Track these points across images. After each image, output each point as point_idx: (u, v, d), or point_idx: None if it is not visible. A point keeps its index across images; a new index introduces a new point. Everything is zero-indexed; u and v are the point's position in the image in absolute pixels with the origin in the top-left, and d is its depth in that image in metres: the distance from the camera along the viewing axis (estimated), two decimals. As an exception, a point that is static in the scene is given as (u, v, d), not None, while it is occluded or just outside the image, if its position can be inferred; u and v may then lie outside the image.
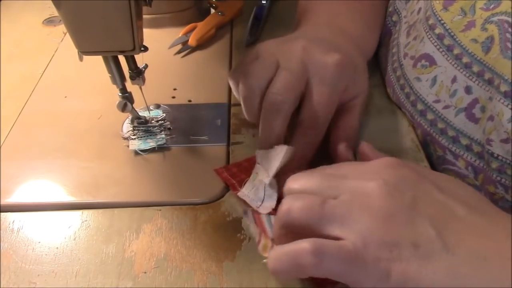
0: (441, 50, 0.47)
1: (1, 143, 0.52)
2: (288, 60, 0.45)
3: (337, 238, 0.32)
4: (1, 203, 0.45)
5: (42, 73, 0.63)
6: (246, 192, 0.45)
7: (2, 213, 0.45)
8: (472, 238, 0.32)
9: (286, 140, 0.46)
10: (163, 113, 0.55)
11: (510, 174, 0.42)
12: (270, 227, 0.41)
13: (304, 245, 0.32)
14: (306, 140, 0.46)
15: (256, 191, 0.44)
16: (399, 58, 0.54)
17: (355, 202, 0.33)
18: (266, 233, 0.41)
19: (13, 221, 0.44)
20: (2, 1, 0.79)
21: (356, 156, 0.46)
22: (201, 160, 0.50)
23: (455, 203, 0.33)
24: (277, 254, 0.33)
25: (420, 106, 0.50)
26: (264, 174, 0.44)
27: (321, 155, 0.48)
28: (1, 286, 0.39)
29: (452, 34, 0.46)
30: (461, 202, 0.33)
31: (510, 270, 0.30)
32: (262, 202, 0.43)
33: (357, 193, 0.34)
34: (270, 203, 0.43)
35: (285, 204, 0.35)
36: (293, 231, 0.34)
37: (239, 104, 0.48)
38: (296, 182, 0.37)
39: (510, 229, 0.32)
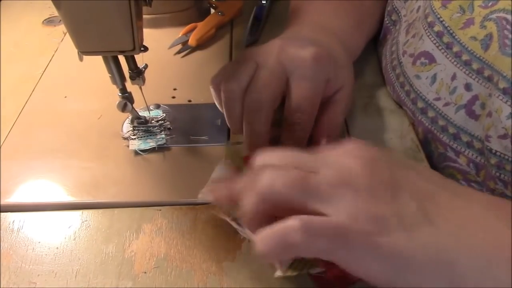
0: (440, 47, 0.47)
1: (1, 143, 0.52)
2: (266, 60, 0.46)
3: (320, 215, 0.31)
4: (1, 203, 0.45)
5: (42, 73, 0.63)
6: None
7: (2, 213, 0.45)
8: (451, 209, 0.32)
9: (276, 143, 0.46)
10: (163, 113, 0.55)
11: (509, 170, 0.42)
12: None
13: (292, 222, 0.31)
14: (293, 137, 0.45)
15: None
16: (398, 56, 0.54)
17: (339, 178, 0.32)
18: None
19: (13, 221, 0.44)
20: (2, 1, 0.79)
21: None
22: (201, 160, 0.50)
23: (427, 183, 0.33)
24: (264, 235, 0.32)
25: (420, 104, 0.50)
26: None
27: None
28: (1, 286, 0.39)
29: (451, 31, 0.46)
30: (432, 181, 0.34)
31: (491, 238, 0.30)
32: None
33: (338, 168, 0.33)
34: None
35: (267, 177, 0.32)
36: (268, 211, 0.32)
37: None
38: (271, 157, 0.35)
39: (487, 203, 0.33)
